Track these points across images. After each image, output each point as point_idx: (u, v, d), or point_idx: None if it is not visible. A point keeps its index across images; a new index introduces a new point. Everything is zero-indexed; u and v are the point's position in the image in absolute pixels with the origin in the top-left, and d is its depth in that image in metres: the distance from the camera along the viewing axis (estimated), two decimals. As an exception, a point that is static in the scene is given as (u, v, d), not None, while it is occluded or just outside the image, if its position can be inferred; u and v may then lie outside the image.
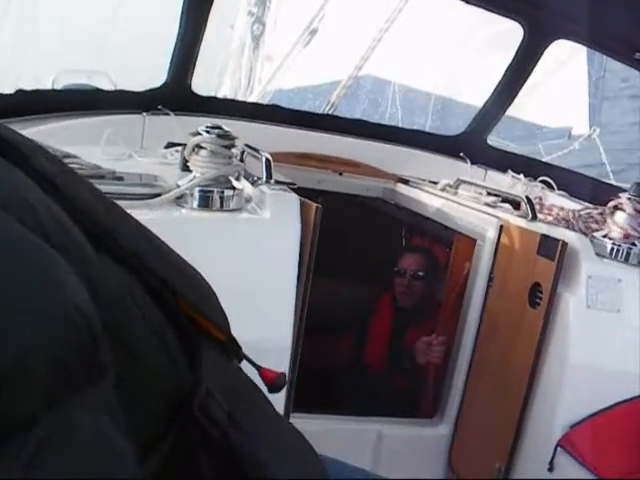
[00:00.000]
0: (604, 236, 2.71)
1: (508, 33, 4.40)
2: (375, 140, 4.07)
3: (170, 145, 3.27)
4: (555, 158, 6.05)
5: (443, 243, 3.62)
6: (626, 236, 2.66)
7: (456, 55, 6.79)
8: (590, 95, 6.17)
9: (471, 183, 3.49)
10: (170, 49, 3.52)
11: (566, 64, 5.70)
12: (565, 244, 2.48)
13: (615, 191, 4.31)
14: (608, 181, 5.56)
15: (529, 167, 4.19)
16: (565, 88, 6.00)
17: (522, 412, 2.62)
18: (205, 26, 3.46)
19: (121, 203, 1.90)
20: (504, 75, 3.98)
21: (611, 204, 2.74)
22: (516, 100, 4.18)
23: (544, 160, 5.31)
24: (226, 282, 2.00)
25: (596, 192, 3.88)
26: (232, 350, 0.82)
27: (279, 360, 2.06)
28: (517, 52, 3.88)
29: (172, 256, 0.83)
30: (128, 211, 1.92)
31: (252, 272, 2.02)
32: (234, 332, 1.99)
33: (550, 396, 2.55)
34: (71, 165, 2.23)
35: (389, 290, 3.79)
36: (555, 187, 3.97)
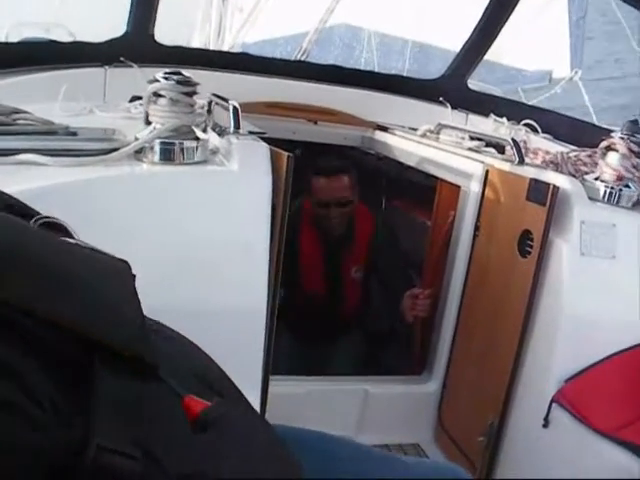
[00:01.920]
0: (596, 179, 2.56)
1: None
2: (351, 87, 3.88)
3: (135, 98, 3.09)
4: (536, 102, 5.91)
5: (426, 191, 3.45)
6: (619, 178, 2.51)
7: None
8: (571, 36, 6.00)
9: (453, 127, 3.33)
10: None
11: (546, 5, 5.53)
12: (556, 188, 2.33)
13: (601, 132, 4.20)
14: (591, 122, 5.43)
15: (511, 110, 4.03)
16: (545, 30, 5.81)
17: (514, 366, 2.49)
18: None
19: (73, 160, 1.76)
20: (484, 14, 3.79)
21: (603, 144, 2.58)
22: (495, 43, 4.01)
23: (524, 102, 5.17)
24: (193, 241, 1.86)
25: (581, 134, 3.74)
26: (147, 368, 0.62)
27: (254, 323, 1.93)
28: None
29: (48, 267, 0.62)
30: (81, 168, 1.77)
31: (221, 229, 1.86)
32: (206, 292, 1.86)
33: (544, 349, 2.42)
34: (20, 121, 2.05)
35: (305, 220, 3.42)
36: (539, 130, 3.82)
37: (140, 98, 3.01)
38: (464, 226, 2.84)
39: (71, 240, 0.81)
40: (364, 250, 3.42)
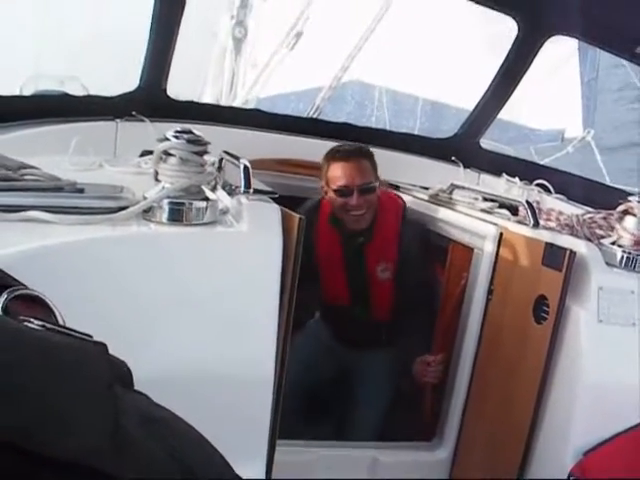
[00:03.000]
0: (612, 243, 2.51)
1: (499, 36, 4.25)
2: (363, 144, 3.87)
3: (146, 153, 3.08)
4: (549, 162, 5.91)
5: (438, 251, 3.39)
6: (637, 242, 2.45)
7: (445, 57, 6.61)
8: (583, 96, 6.02)
9: (465, 188, 3.29)
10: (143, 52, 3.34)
11: (558, 66, 5.56)
12: (573, 253, 2.27)
13: (614, 193, 4.19)
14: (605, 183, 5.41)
15: (524, 170, 4.01)
16: (557, 90, 5.83)
17: (530, 436, 2.40)
18: (178, 28, 3.28)
19: (79, 218, 1.72)
20: (497, 74, 3.79)
21: (620, 208, 2.53)
22: (508, 103, 4.00)
23: (537, 162, 5.16)
24: (200, 303, 1.81)
25: (594, 195, 3.72)
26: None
27: (260, 388, 1.86)
28: (511, 49, 3.70)
29: None
30: (87, 227, 1.73)
31: (230, 292, 1.81)
32: (213, 357, 1.80)
33: (560, 419, 2.33)
34: (27, 177, 2.02)
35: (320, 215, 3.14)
36: (552, 190, 3.78)
37: (151, 153, 3.00)
38: (477, 289, 2.77)
39: (35, 323, 0.72)
40: (391, 243, 3.07)
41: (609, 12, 3.25)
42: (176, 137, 1.84)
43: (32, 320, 0.72)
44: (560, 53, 5.27)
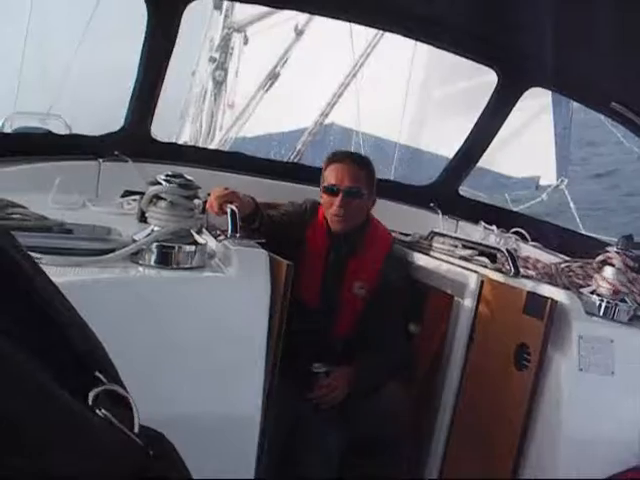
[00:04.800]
0: (592, 292, 2.55)
1: (479, 86, 4.35)
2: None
3: (127, 193, 3.09)
4: (524, 208, 6.00)
5: (417, 299, 3.40)
6: (615, 292, 2.50)
7: (423, 106, 6.71)
8: (557, 146, 6.14)
9: (445, 235, 3.32)
10: (129, 93, 3.36)
11: (533, 116, 5.68)
12: (555, 302, 2.31)
13: (588, 241, 4.26)
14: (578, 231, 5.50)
15: (501, 218, 4.06)
16: (532, 138, 5.95)
17: (511, 485, 2.40)
18: (165, 72, 3.32)
19: (68, 260, 1.72)
20: (477, 124, 3.87)
21: (599, 258, 2.59)
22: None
23: (513, 209, 5.24)
24: (188, 349, 1.80)
25: (569, 243, 3.77)
26: None
27: (246, 435, 1.85)
28: (490, 99, 3.77)
29: None
30: (76, 269, 1.72)
31: (217, 336, 1.81)
32: (199, 402, 1.79)
33: (542, 469, 2.34)
34: (15, 216, 2.01)
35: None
36: (529, 238, 3.84)
37: (133, 193, 3.02)
38: (458, 337, 2.78)
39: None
40: (375, 267, 3.06)
41: (585, 67, 3.33)
42: (167, 181, 1.85)
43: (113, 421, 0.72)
44: (535, 103, 5.38)
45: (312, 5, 3.77)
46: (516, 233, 3.85)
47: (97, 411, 0.69)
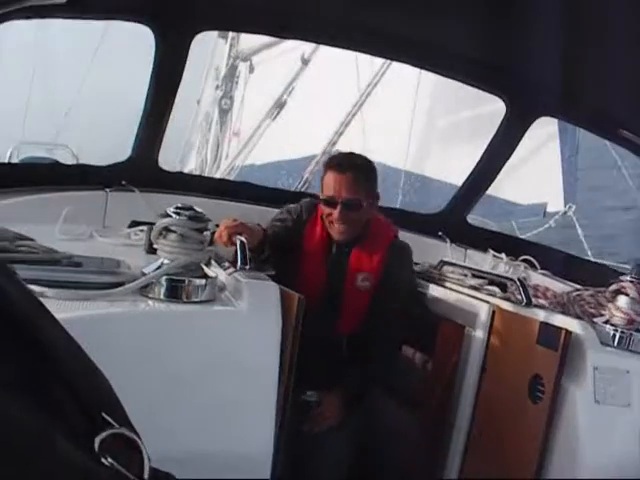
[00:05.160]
0: (605, 322, 2.51)
1: (487, 115, 4.35)
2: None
3: (134, 224, 3.08)
4: (531, 235, 5.97)
5: (427, 329, 3.36)
6: (630, 321, 2.46)
7: (429, 133, 6.71)
8: (564, 172, 6.12)
9: (455, 264, 3.29)
10: (136, 122, 3.36)
11: (541, 143, 5.68)
12: (569, 333, 2.27)
13: (597, 269, 4.23)
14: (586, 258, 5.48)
15: (509, 245, 4.03)
16: (539, 165, 5.93)
17: (527, 520, 2.35)
18: (173, 101, 3.33)
19: (78, 293, 1.69)
20: (485, 152, 3.85)
21: (612, 288, 2.55)
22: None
23: (522, 237, 5.21)
24: (199, 383, 1.77)
25: (579, 270, 3.73)
26: None
27: (259, 470, 1.81)
28: (499, 129, 3.76)
29: None
30: (85, 303, 1.70)
31: (228, 370, 1.78)
32: (210, 436, 1.75)
33: (559, 503, 2.29)
34: (23, 248, 2.00)
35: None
36: (538, 266, 3.80)
37: (140, 223, 3.01)
38: (469, 368, 2.74)
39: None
40: (377, 257, 2.96)
41: (593, 95, 3.33)
42: (177, 213, 1.83)
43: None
44: (543, 131, 5.38)
45: (317, 35, 3.78)
46: (525, 261, 3.81)
47: (103, 460, 0.66)
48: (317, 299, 2.85)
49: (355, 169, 2.90)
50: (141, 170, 3.44)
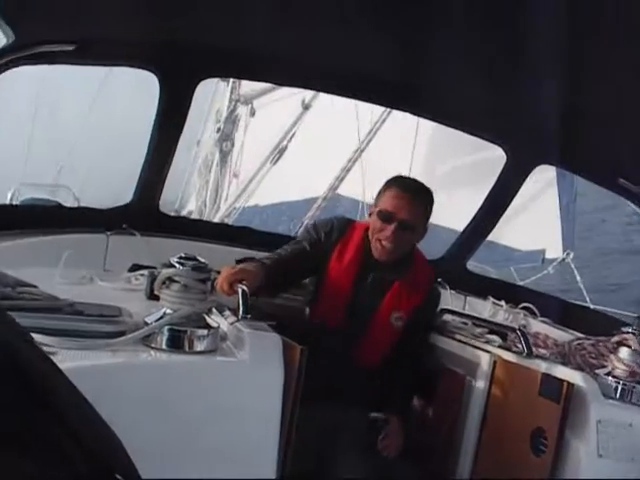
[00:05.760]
0: (607, 374, 2.50)
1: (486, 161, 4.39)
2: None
3: (135, 267, 3.07)
4: (529, 282, 5.98)
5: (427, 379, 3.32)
6: (632, 374, 2.45)
7: (428, 179, 6.74)
8: (562, 219, 6.16)
9: (456, 312, 3.29)
10: (138, 167, 3.38)
11: (540, 190, 5.72)
12: (571, 385, 2.26)
13: (597, 317, 4.23)
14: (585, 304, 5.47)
15: (509, 292, 4.03)
16: (537, 212, 5.97)
17: None
18: (176, 147, 3.36)
19: (79, 343, 1.68)
20: (486, 199, 3.87)
21: (614, 339, 2.55)
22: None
23: (521, 284, 5.22)
24: (200, 434, 1.75)
25: (579, 319, 3.73)
26: None
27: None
28: (499, 177, 3.79)
29: None
30: (87, 352, 1.69)
31: (230, 422, 1.76)
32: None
33: None
34: (25, 295, 1.99)
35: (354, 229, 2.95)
36: (537, 313, 3.80)
37: (140, 267, 3.00)
38: (470, 418, 2.72)
39: None
40: (416, 300, 2.91)
41: (593, 144, 3.36)
42: (181, 264, 1.83)
43: None
44: (540, 176, 5.41)
45: (317, 83, 3.83)
46: (524, 308, 3.81)
47: None
48: (337, 321, 2.83)
49: (419, 193, 2.86)
50: (142, 214, 3.45)
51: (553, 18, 2.14)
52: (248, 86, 7.74)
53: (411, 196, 2.81)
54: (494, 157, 3.91)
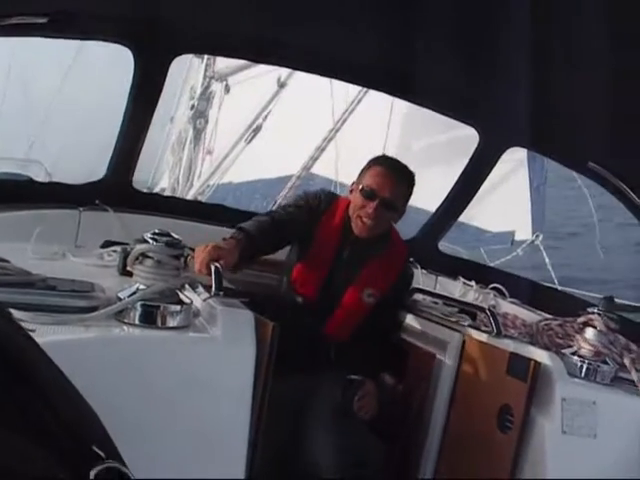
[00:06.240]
0: (573, 353, 2.56)
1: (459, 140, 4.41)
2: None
3: (107, 244, 3.05)
4: (499, 263, 6.05)
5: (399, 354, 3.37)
6: (597, 354, 2.51)
7: (401, 157, 6.77)
8: (532, 202, 6.22)
9: (426, 292, 3.32)
10: (111, 143, 3.35)
11: (510, 172, 5.77)
12: (538, 364, 2.31)
13: (565, 298, 4.29)
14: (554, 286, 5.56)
15: (479, 273, 4.08)
16: (508, 193, 6.02)
17: None
18: (150, 123, 3.34)
19: (53, 318, 1.68)
20: (458, 181, 3.90)
21: (580, 320, 2.60)
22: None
23: (491, 265, 5.28)
24: (173, 408, 1.77)
25: (547, 299, 3.79)
26: None
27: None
28: (472, 158, 3.82)
29: None
30: (60, 327, 1.69)
31: (201, 397, 1.78)
32: (183, 464, 1.75)
33: (525, 532, 2.31)
34: (-3, 270, 1.98)
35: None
36: (507, 294, 3.85)
37: (113, 243, 2.99)
38: (439, 396, 2.77)
39: None
40: (390, 279, 2.98)
41: (564, 128, 3.39)
42: (154, 239, 1.83)
43: None
44: (511, 157, 5.45)
45: (291, 61, 3.82)
46: (494, 289, 3.86)
47: None
48: (311, 294, 2.88)
49: (402, 174, 2.92)
50: (115, 190, 3.42)
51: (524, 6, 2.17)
52: (223, 63, 7.66)
53: (395, 175, 2.85)
54: (468, 135, 3.92)
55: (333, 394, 2.79)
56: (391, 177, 2.84)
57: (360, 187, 2.84)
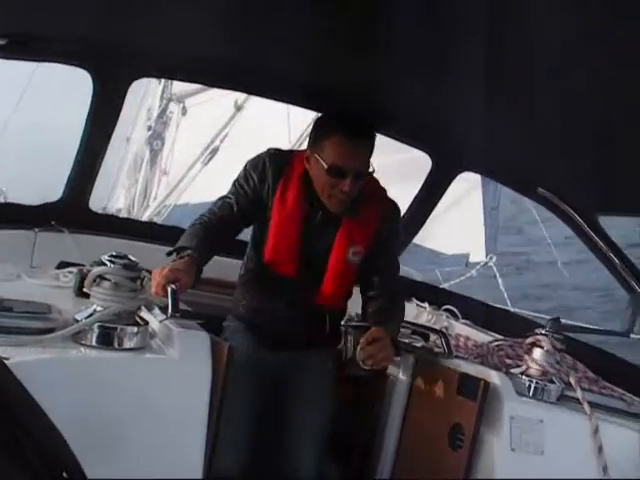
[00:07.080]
0: (522, 373, 2.63)
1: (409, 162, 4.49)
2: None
3: (63, 265, 3.04)
4: (454, 284, 6.15)
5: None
6: (544, 373, 2.59)
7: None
8: (486, 224, 6.35)
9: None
10: (69, 163, 3.35)
11: (464, 195, 5.88)
12: (487, 384, 2.38)
13: (517, 320, 4.38)
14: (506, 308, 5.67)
15: (432, 295, 4.14)
16: (462, 217, 6.14)
17: None
18: (107, 145, 3.33)
19: (9, 339, 1.70)
20: (411, 205, 3.97)
21: (528, 341, 2.68)
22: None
23: (445, 287, 5.36)
24: (129, 430, 1.79)
25: (499, 321, 3.86)
26: None
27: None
28: (425, 182, 3.89)
29: None
30: (18, 349, 1.70)
31: (157, 419, 1.80)
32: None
33: None
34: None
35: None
36: (459, 316, 3.92)
37: (69, 264, 2.99)
38: (392, 416, 2.81)
39: None
40: (371, 230, 2.68)
41: (515, 155, 3.48)
42: (111, 262, 1.86)
43: None
44: (465, 181, 5.56)
45: (247, 86, 3.87)
46: (447, 310, 3.93)
47: None
48: (290, 270, 2.66)
49: (365, 135, 2.61)
50: (71, 211, 3.41)
51: (475, 25, 2.21)
52: (180, 85, 7.69)
53: (359, 141, 2.56)
54: (422, 156, 3.96)
55: (324, 365, 2.75)
56: (357, 146, 2.53)
57: (327, 167, 2.49)
